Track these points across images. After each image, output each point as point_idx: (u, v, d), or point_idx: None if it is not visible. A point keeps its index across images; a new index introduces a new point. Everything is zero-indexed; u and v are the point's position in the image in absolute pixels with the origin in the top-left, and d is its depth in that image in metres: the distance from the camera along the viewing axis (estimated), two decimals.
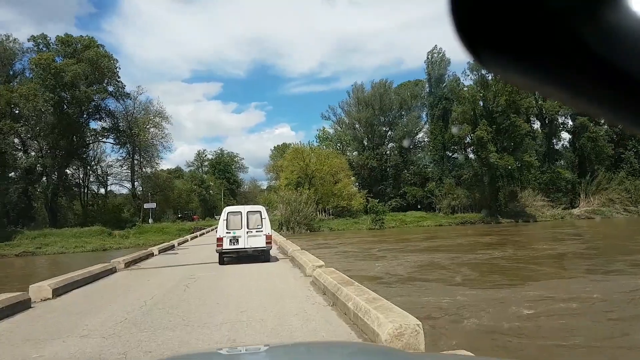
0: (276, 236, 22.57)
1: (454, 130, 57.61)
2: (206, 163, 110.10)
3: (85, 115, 61.85)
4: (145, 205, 58.25)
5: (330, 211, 62.03)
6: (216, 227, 15.31)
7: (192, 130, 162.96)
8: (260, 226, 13.69)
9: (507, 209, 58.95)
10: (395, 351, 3.14)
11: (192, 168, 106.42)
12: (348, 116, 70.86)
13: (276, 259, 14.84)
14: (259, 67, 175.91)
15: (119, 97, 63.41)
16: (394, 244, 31.16)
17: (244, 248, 13.59)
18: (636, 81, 0.37)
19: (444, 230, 48.40)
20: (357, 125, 70.28)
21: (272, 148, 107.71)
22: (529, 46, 0.40)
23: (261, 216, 13.93)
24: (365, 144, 68.33)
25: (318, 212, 60.18)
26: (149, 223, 58.73)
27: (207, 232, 44.36)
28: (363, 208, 62.09)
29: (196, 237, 33.76)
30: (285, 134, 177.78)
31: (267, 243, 13.77)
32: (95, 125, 64.81)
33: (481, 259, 22.56)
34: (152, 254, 17.64)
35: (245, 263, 13.76)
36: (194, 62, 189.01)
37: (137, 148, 66.45)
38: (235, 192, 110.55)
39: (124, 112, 66.91)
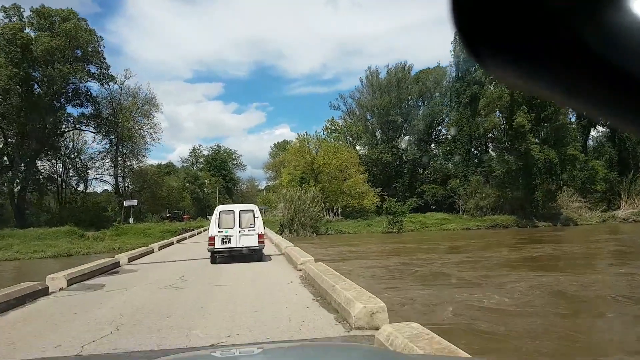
0: (288, 249, 13.27)
1: (486, 118, 48.17)
2: (201, 160, 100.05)
3: (62, 100, 51.91)
4: (126, 203, 48.42)
5: (339, 211, 52.46)
6: (207, 228, 15.13)
7: (193, 130, 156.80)
8: (252, 225, 13.04)
9: (543, 211, 49.61)
10: (393, 353, 2.94)
11: (186, 165, 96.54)
12: (359, 106, 61.21)
13: (269, 258, 13.76)
14: (260, 68, 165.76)
15: (103, 80, 53.57)
16: (449, 254, 21.67)
17: (237, 247, 12.92)
18: (636, 82, 0.35)
19: (481, 235, 38.94)
20: (369, 116, 60.77)
21: (272, 145, 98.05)
22: (529, 47, 0.39)
23: (254, 215, 13.25)
24: (379, 136, 58.68)
25: (325, 213, 50.63)
26: (129, 223, 48.99)
27: (194, 235, 34.74)
28: (375, 208, 52.63)
29: (171, 244, 23.87)
30: (285, 134, 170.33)
31: (259, 242, 13.05)
32: (74, 111, 54.76)
33: (629, 284, 13.13)
34: (42, 292, 8.03)
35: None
36: (195, 62, 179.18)
37: (121, 139, 56.81)
38: (232, 191, 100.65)
39: (108, 97, 57.34)
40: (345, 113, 62.87)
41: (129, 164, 60.56)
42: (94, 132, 55.00)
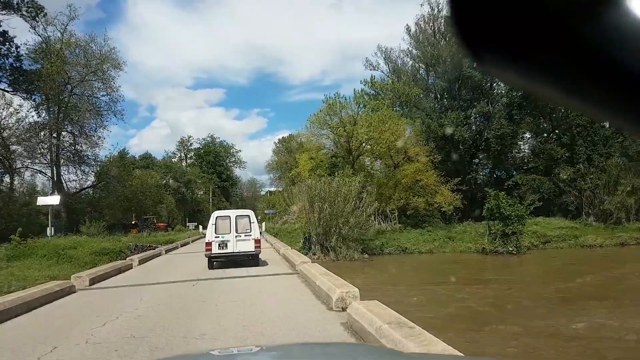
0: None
1: None
2: (191, 154, 78.12)
3: None
4: (39, 201, 26.90)
5: (396, 215, 31.13)
6: (186, 241, 15.29)
7: (194, 136, 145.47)
8: (249, 230, 12.87)
9: None
10: (393, 352, 2.78)
11: (172, 158, 74.58)
12: (413, 59, 40.11)
13: (266, 264, 13.37)
14: (261, 74, 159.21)
15: (24, 12, 32.41)
16: None
17: (233, 252, 12.74)
18: (637, 81, 0.34)
19: None
20: (422, 71, 39.83)
21: (277, 141, 75.67)
22: (529, 46, 0.37)
23: (250, 220, 13.09)
24: (445, 103, 37.42)
25: (374, 218, 29.29)
26: (48, 235, 27.69)
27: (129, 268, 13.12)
28: (450, 210, 31.45)
29: None
30: None
31: (255, 247, 12.84)
32: None
33: None
34: None
35: None
36: (197, 69, 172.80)
37: (56, 105, 35.69)
38: (229, 192, 78.97)
39: (43, 45, 36.13)
40: (390, 73, 41.44)
41: (77, 147, 39.31)
42: (8, 91, 33.30)
